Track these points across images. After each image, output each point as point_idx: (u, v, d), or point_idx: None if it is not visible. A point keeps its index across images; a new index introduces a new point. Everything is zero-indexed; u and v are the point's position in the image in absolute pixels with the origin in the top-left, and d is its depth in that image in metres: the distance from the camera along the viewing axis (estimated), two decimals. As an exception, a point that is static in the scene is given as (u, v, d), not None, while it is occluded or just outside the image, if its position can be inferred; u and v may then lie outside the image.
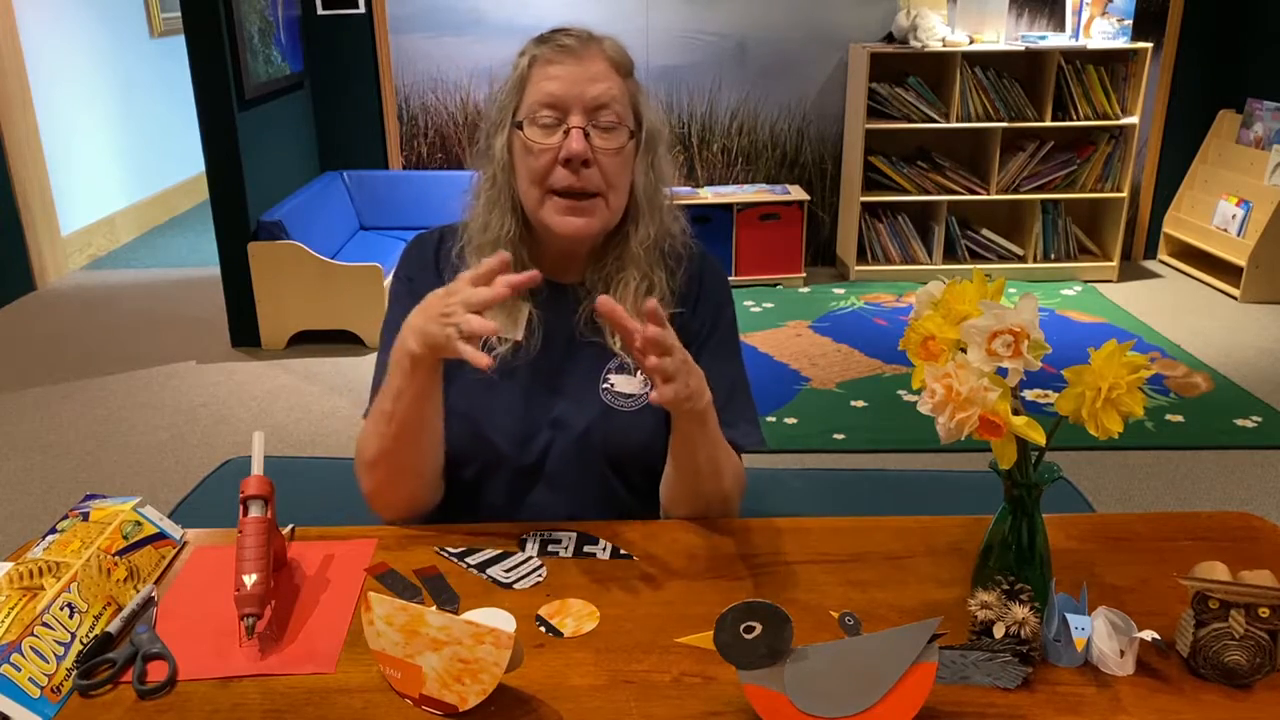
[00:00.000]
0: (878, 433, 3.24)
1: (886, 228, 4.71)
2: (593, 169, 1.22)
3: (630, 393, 1.30)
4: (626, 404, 1.30)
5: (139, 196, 5.89)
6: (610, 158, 1.23)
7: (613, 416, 1.30)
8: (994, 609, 0.98)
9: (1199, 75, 4.79)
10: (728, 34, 4.68)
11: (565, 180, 1.22)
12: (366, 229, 4.58)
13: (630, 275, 1.28)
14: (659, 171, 1.30)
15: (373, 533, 1.25)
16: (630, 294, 1.27)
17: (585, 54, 1.23)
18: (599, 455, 1.30)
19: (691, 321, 1.34)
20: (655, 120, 1.29)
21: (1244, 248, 4.42)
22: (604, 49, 1.25)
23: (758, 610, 0.88)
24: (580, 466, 1.31)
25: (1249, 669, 0.95)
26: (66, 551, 1.08)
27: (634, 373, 1.31)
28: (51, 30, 5.04)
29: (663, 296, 1.29)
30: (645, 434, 1.29)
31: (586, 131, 1.21)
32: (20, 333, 4.28)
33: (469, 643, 0.93)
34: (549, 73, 1.22)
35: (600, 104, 1.22)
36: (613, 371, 1.31)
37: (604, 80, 1.22)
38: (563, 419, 1.30)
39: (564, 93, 1.21)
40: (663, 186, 1.31)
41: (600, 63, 1.23)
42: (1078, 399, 0.95)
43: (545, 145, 1.22)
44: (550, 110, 1.21)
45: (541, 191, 1.24)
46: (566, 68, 1.22)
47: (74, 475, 3.04)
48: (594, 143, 1.21)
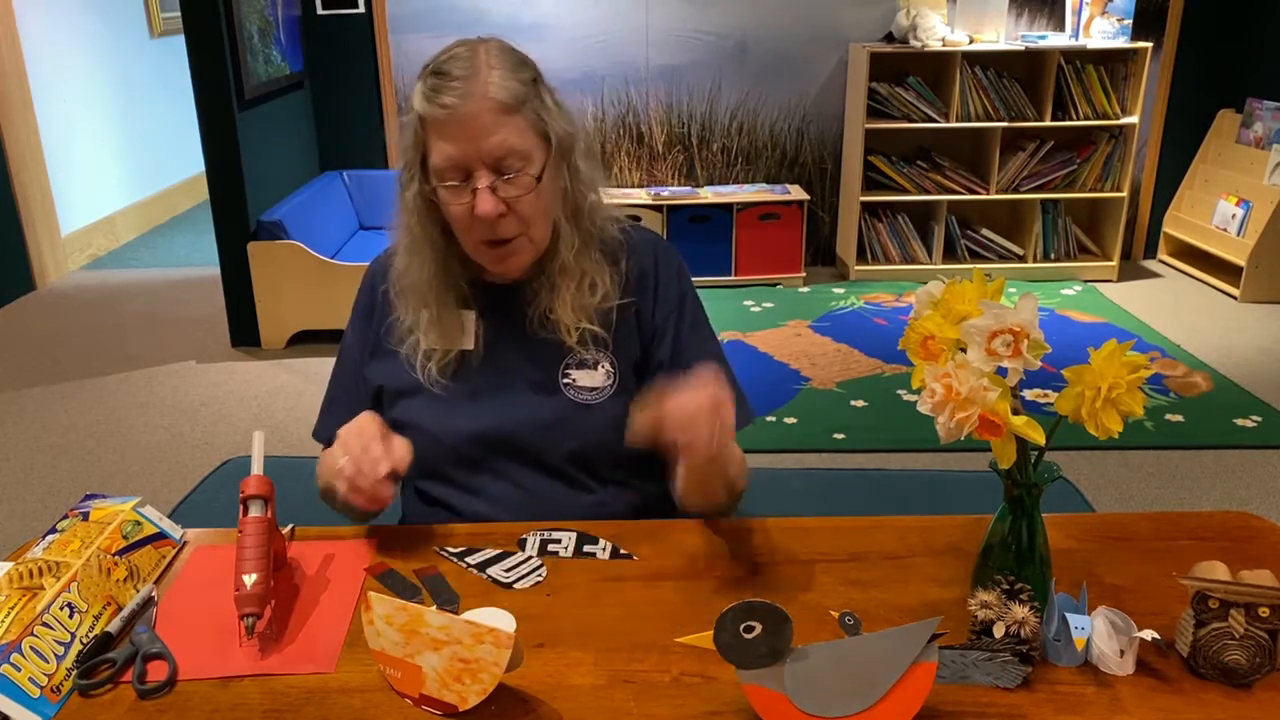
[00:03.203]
0: (878, 433, 3.24)
1: (886, 227, 4.71)
2: (508, 217, 1.22)
3: (593, 385, 1.32)
4: (590, 397, 1.32)
5: (139, 196, 5.89)
6: (522, 202, 1.22)
7: (578, 410, 1.31)
8: (994, 609, 0.98)
9: (1199, 75, 4.79)
10: (728, 34, 4.68)
11: (485, 234, 1.23)
12: (366, 229, 4.58)
13: (569, 279, 1.30)
14: (577, 177, 1.29)
15: (373, 532, 1.25)
16: (569, 298, 1.29)
17: (470, 107, 1.18)
18: (565, 448, 1.31)
19: (654, 314, 1.35)
20: (563, 128, 1.26)
21: (1244, 247, 4.42)
22: (488, 92, 1.18)
23: (758, 610, 0.88)
24: (545, 461, 1.32)
25: (1249, 669, 0.95)
26: (66, 551, 1.08)
27: (594, 367, 1.32)
28: (51, 30, 5.04)
29: (607, 294, 1.31)
30: (612, 425, 1.30)
31: (494, 186, 1.20)
32: (20, 333, 4.28)
33: (469, 642, 0.93)
34: (442, 134, 1.20)
35: (498, 155, 1.19)
36: (572, 367, 1.32)
37: (497, 130, 1.19)
38: (524, 415, 1.31)
39: (461, 154, 1.19)
40: (586, 191, 1.30)
41: (487, 112, 1.18)
42: (1078, 399, 0.95)
43: (459, 204, 1.22)
44: (455, 171, 1.21)
45: (472, 241, 1.26)
46: (456, 128, 1.18)
47: (74, 475, 3.04)
48: (502, 194, 1.21)
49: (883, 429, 3.27)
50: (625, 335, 1.34)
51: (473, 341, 1.33)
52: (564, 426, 1.31)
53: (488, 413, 1.32)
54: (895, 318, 4.27)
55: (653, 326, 1.35)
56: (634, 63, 4.66)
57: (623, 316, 1.33)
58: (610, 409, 1.31)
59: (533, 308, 1.32)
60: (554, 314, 1.30)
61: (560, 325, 1.30)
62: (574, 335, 1.30)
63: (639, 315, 1.35)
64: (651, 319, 1.35)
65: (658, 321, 1.35)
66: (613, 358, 1.33)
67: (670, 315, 1.36)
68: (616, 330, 1.33)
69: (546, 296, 1.31)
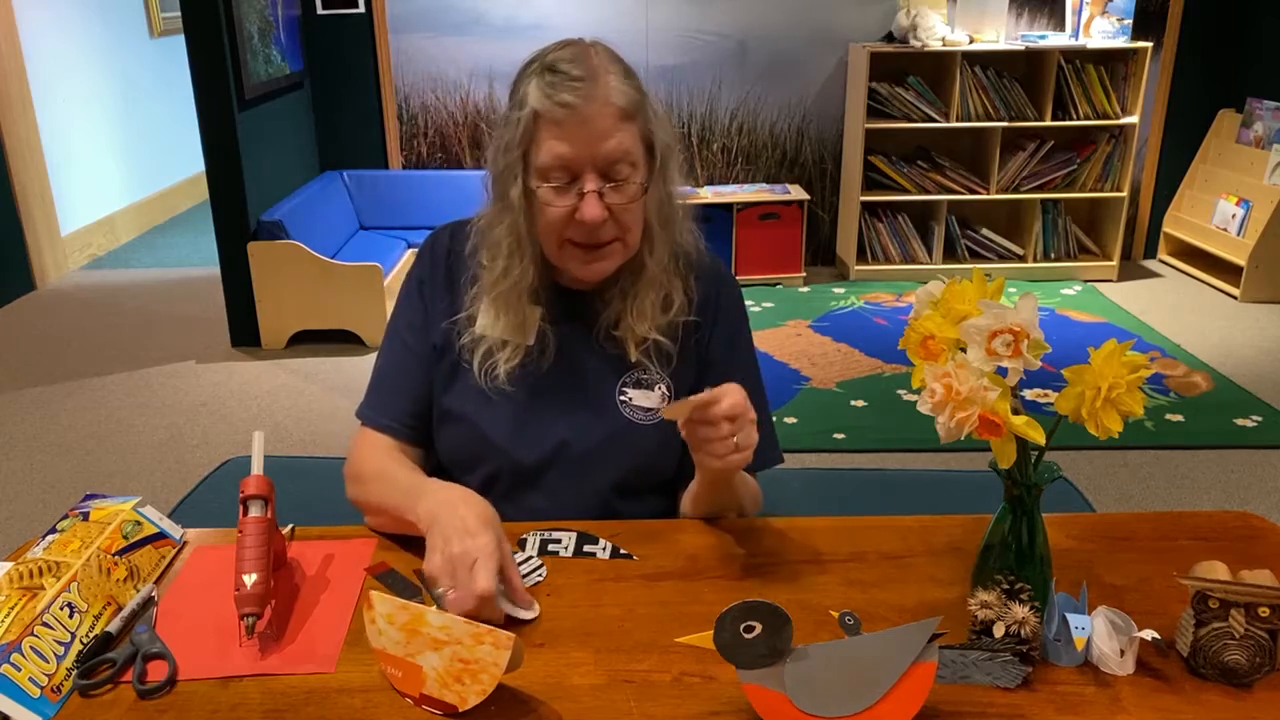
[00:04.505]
0: (878, 432, 3.24)
1: (886, 227, 4.71)
2: (609, 222, 1.20)
3: (648, 406, 1.30)
4: (644, 418, 1.30)
5: (139, 196, 5.89)
6: (625, 209, 1.20)
7: (632, 430, 1.30)
8: (994, 608, 0.98)
9: (1199, 75, 4.79)
10: (728, 34, 4.68)
11: (583, 236, 1.20)
12: (366, 229, 4.58)
13: (647, 291, 1.27)
14: (671, 186, 1.27)
15: (372, 532, 1.25)
16: (648, 308, 1.27)
17: (591, 108, 1.15)
18: (611, 466, 1.30)
19: (709, 341, 1.34)
20: (666, 138, 1.24)
21: (1244, 247, 4.42)
22: (610, 96, 1.16)
23: (758, 610, 0.88)
24: (587, 477, 1.30)
25: (1249, 668, 0.95)
26: (66, 551, 1.08)
27: (651, 387, 1.31)
28: (51, 30, 5.04)
29: (680, 308, 1.29)
30: (662, 447, 1.30)
31: (601, 191, 1.18)
32: (20, 333, 4.28)
33: (469, 643, 0.93)
34: (557, 133, 1.16)
35: (612, 161, 1.17)
36: (629, 385, 1.31)
37: (614, 134, 1.16)
38: (578, 428, 1.29)
39: (574, 155, 1.16)
40: (675, 200, 1.28)
41: (608, 116, 1.16)
42: (1078, 398, 0.95)
43: (560, 205, 1.19)
44: (562, 172, 1.18)
45: (559, 240, 1.22)
46: (574, 129, 1.15)
47: (74, 475, 3.04)
48: (608, 200, 1.18)
49: (883, 429, 3.27)
50: (685, 356, 1.32)
51: (533, 338, 1.28)
52: (614, 444, 1.29)
53: (540, 419, 1.29)
54: (895, 318, 4.27)
55: (708, 354, 1.34)
56: (634, 63, 4.57)
57: (686, 336, 1.32)
58: (660, 431, 1.30)
59: (604, 316, 1.29)
60: (624, 324, 1.27)
61: (628, 337, 1.28)
62: (640, 349, 1.28)
63: (698, 340, 1.33)
64: (708, 346, 1.34)
65: (713, 350, 1.34)
66: (669, 380, 1.31)
67: (725, 348, 1.35)
68: (680, 348, 1.31)
69: (619, 305, 1.28)
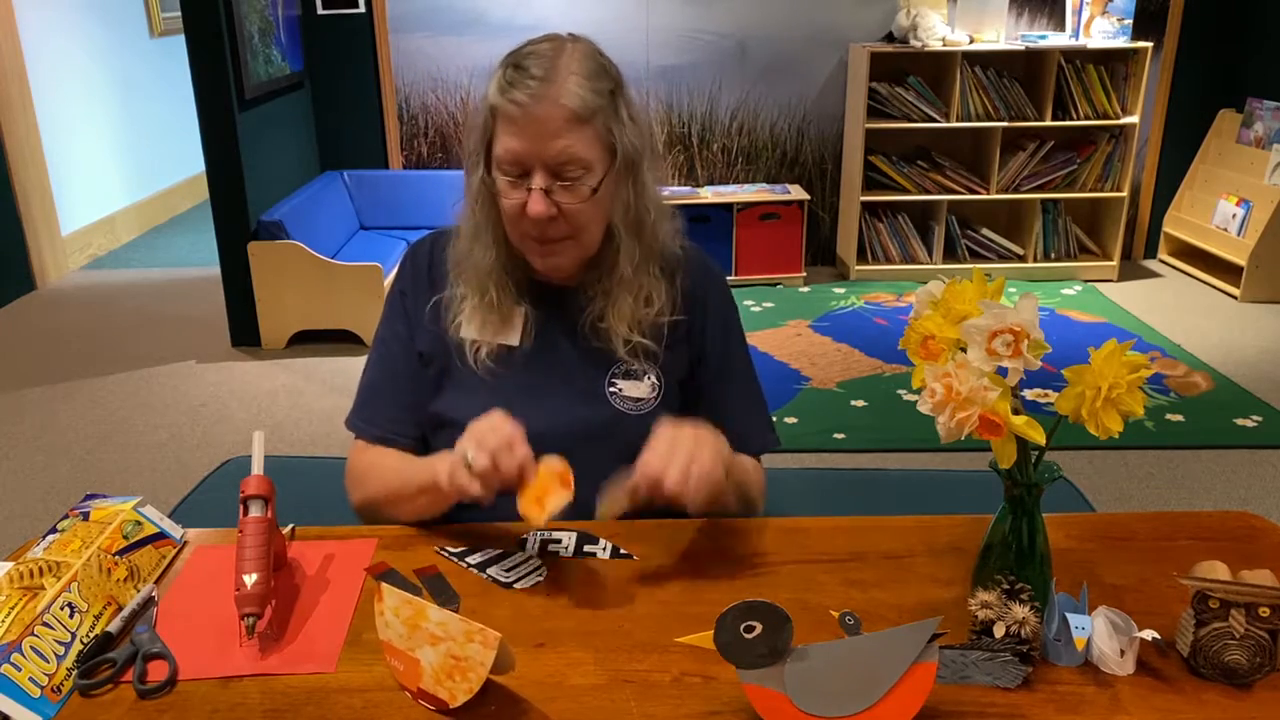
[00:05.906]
0: (878, 432, 3.24)
1: (886, 227, 4.71)
2: (558, 220, 1.22)
3: (638, 397, 1.32)
4: (634, 408, 1.31)
5: (139, 196, 5.89)
6: (575, 209, 1.22)
7: (622, 420, 1.31)
8: (994, 608, 0.98)
9: (1199, 75, 4.79)
10: (728, 34, 4.68)
11: (533, 229, 1.23)
12: (366, 229, 4.58)
13: (625, 292, 1.29)
14: (643, 193, 1.27)
15: (372, 532, 1.25)
16: (627, 309, 1.29)
17: (541, 108, 1.17)
18: (604, 457, 1.30)
19: (704, 334, 1.36)
20: (633, 142, 1.24)
21: (1244, 247, 4.42)
22: (563, 98, 1.17)
23: (758, 610, 0.88)
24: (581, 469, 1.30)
25: (1249, 668, 0.95)
26: (67, 551, 1.08)
27: (640, 378, 1.32)
28: (51, 30, 5.04)
29: (661, 309, 1.31)
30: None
31: (549, 189, 1.20)
32: (20, 333, 4.28)
33: (460, 640, 0.93)
34: (511, 129, 1.19)
35: (561, 162, 1.19)
36: (619, 376, 1.32)
37: (563, 136, 1.18)
38: (568, 421, 1.30)
39: (525, 152, 1.19)
40: (649, 205, 1.28)
41: (558, 118, 1.17)
42: (1078, 398, 0.95)
43: (513, 198, 1.22)
44: (514, 166, 1.20)
45: (519, 233, 1.26)
46: (523, 126, 1.18)
47: (74, 475, 3.04)
48: (556, 197, 1.21)
49: (883, 429, 3.27)
50: (675, 352, 1.34)
51: (519, 338, 1.31)
52: (605, 434, 1.30)
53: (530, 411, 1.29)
54: (895, 317, 4.27)
55: (701, 347, 1.36)
56: (634, 63, 4.66)
57: (674, 333, 1.34)
58: (651, 421, 1.29)
59: (587, 313, 1.31)
60: (607, 323, 1.30)
61: (612, 335, 1.30)
62: (625, 346, 1.30)
63: (689, 334, 1.35)
64: (702, 339, 1.36)
65: (706, 342, 1.36)
66: (660, 371, 1.33)
67: (717, 338, 1.37)
68: (667, 346, 1.33)
69: (601, 304, 1.30)
